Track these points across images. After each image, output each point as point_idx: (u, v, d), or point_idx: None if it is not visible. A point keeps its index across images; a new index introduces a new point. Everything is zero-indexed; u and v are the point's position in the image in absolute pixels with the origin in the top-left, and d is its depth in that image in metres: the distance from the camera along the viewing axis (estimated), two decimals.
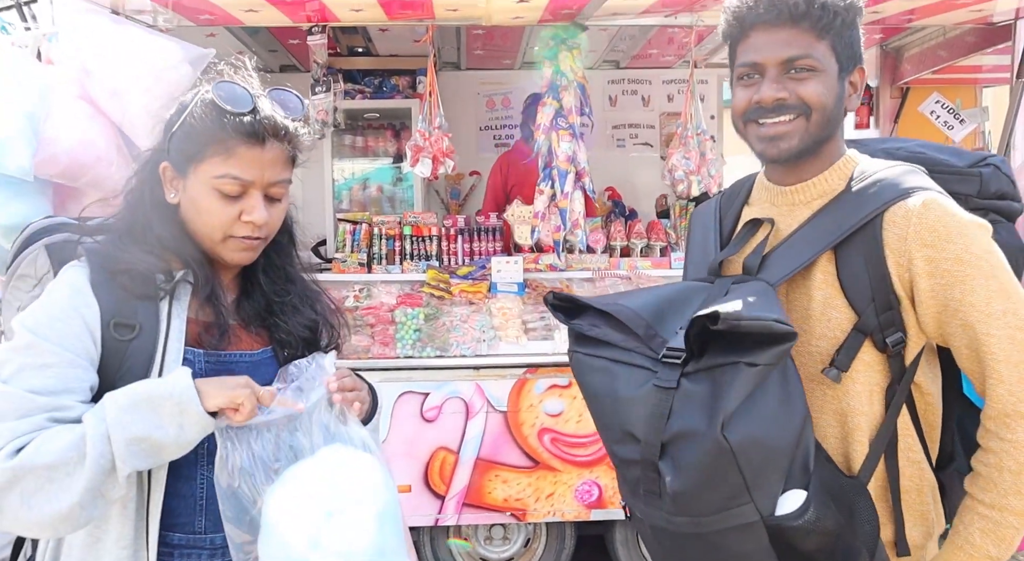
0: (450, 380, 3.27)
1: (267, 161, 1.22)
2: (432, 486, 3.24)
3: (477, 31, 4.41)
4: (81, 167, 1.83)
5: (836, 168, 1.29)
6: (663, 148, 5.29)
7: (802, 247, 1.24)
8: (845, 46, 1.22)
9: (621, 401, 1.19)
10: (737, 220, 1.39)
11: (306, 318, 1.37)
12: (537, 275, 3.60)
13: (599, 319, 1.27)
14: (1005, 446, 1.18)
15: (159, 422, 1.10)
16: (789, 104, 1.21)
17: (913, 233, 1.19)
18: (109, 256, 1.22)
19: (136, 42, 1.87)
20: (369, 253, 3.67)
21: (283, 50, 4.80)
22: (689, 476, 1.11)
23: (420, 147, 3.39)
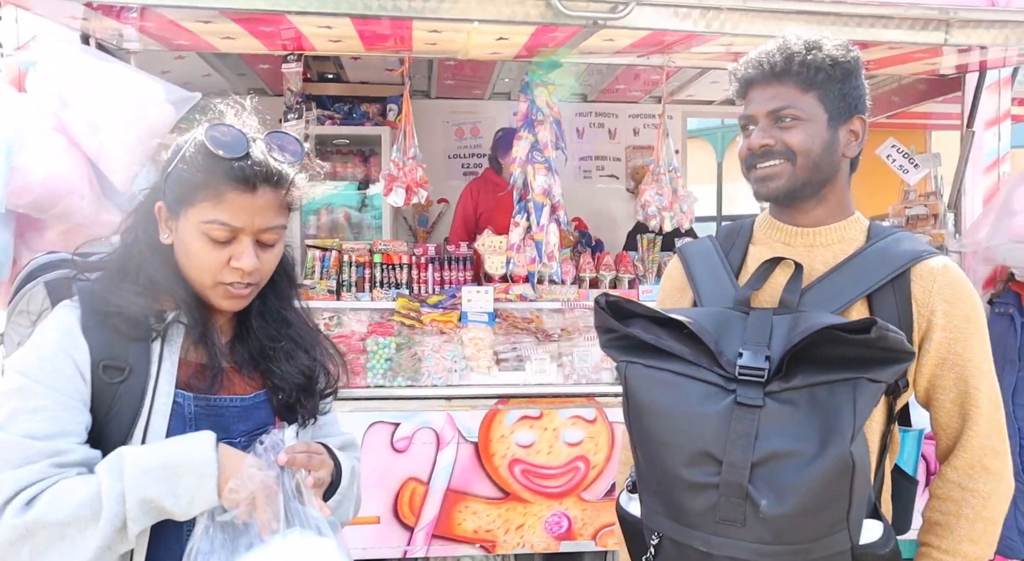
0: (421, 410, 3.26)
1: (258, 207, 1.20)
2: (401, 517, 3.21)
3: (449, 62, 4.46)
4: (52, 199, 1.79)
5: (855, 220, 1.39)
6: (628, 180, 5.40)
7: (843, 286, 1.30)
8: (835, 98, 1.32)
9: (698, 418, 1.14)
10: (743, 257, 1.44)
11: (301, 364, 1.34)
12: (507, 305, 3.63)
13: (658, 330, 1.24)
14: (967, 496, 1.28)
15: (173, 490, 1.10)
16: (775, 150, 1.33)
17: (937, 288, 1.29)
18: (100, 297, 1.20)
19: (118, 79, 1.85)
20: (339, 280, 3.65)
21: (252, 74, 4.77)
22: (794, 500, 1.08)
23: (394, 177, 3.40)
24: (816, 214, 1.37)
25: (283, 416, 1.33)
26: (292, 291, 1.40)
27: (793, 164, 1.32)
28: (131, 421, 1.17)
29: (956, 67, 3.68)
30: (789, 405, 1.12)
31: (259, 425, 1.29)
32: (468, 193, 4.58)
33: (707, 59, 3.62)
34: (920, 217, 4.27)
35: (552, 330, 3.58)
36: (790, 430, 1.10)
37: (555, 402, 3.30)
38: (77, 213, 1.88)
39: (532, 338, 3.54)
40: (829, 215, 1.37)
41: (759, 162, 1.35)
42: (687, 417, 1.16)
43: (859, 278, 1.30)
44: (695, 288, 1.43)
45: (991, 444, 1.29)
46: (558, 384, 3.40)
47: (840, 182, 1.37)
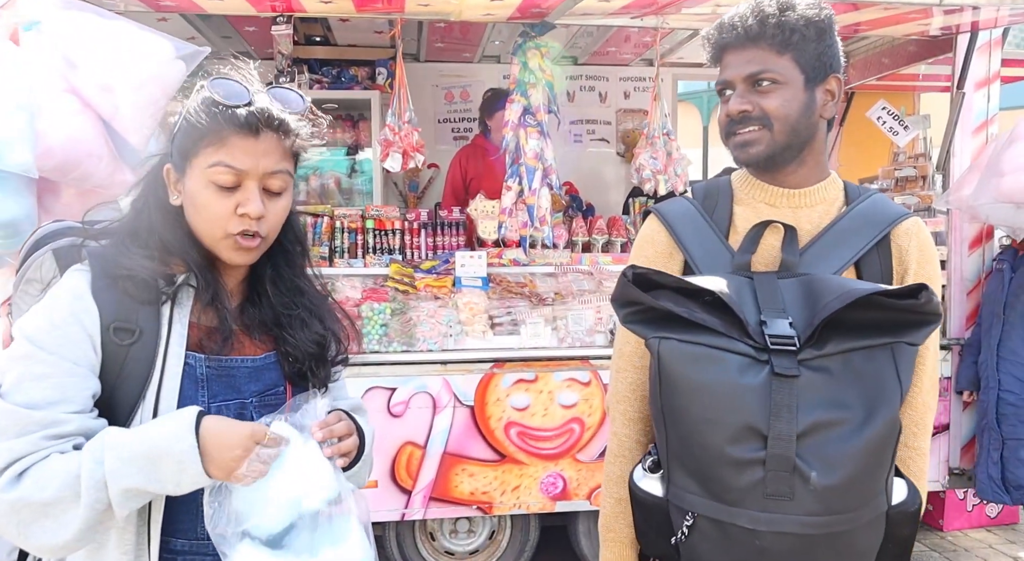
0: (417, 375, 3.28)
1: (261, 151, 1.19)
2: (399, 481, 3.25)
3: (439, 24, 4.40)
4: (72, 162, 1.77)
5: (832, 181, 1.41)
6: (619, 144, 5.38)
7: (835, 249, 1.31)
8: (810, 58, 1.31)
9: (740, 391, 1.10)
10: (730, 218, 1.40)
11: (314, 333, 1.33)
12: (500, 269, 3.63)
13: (686, 301, 1.18)
14: (911, 453, 1.33)
15: (157, 477, 1.10)
16: (753, 116, 1.32)
17: (912, 248, 1.34)
18: (111, 260, 1.20)
19: (127, 37, 1.81)
20: (331, 246, 3.64)
21: (238, 37, 4.68)
22: (842, 469, 1.07)
23: (390, 141, 3.37)
24: (798, 176, 1.37)
25: (294, 382, 1.33)
26: (304, 259, 1.39)
27: (771, 130, 1.31)
28: (143, 383, 1.18)
29: (948, 28, 3.68)
30: (824, 373, 1.10)
31: (269, 386, 1.30)
32: (456, 161, 4.56)
33: (699, 20, 3.59)
34: (909, 178, 4.30)
35: (546, 294, 3.60)
36: (830, 399, 1.08)
37: (550, 365, 3.33)
38: (95, 175, 1.85)
39: (526, 302, 3.56)
40: (810, 176, 1.38)
41: (738, 128, 1.34)
42: (728, 391, 1.11)
43: (848, 241, 1.32)
44: (687, 252, 1.37)
45: (930, 401, 1.34)
46: (553, 347, 3.42)
47: (819, 143, 1.38)
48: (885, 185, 4.40)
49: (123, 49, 1.78)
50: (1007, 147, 3.30)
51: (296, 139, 1.25)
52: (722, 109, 1.38)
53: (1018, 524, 4.41)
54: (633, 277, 1.20)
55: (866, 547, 1.15)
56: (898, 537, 1.18)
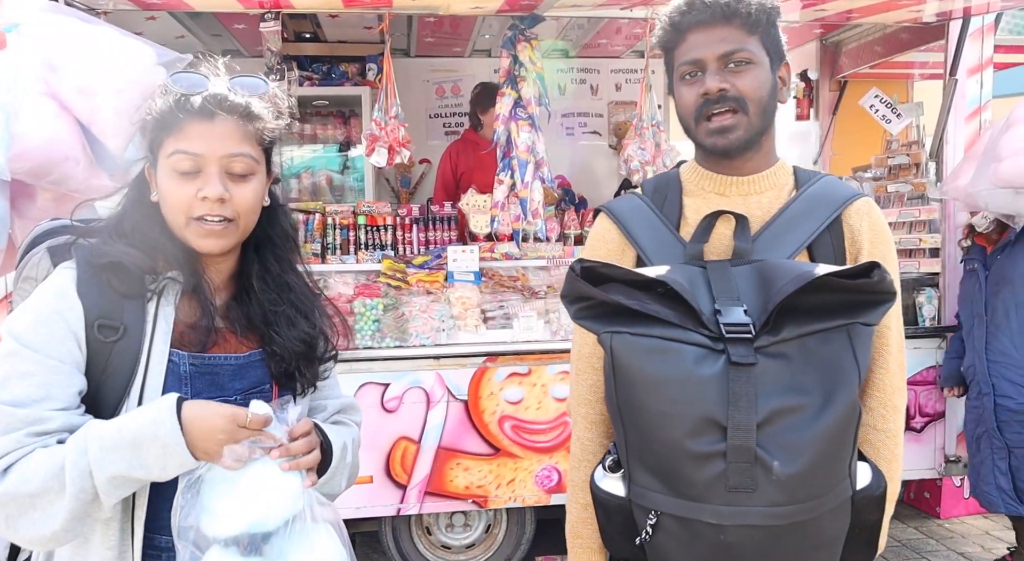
0: (410, 370, 3.28)
1: (217, 135, 1.20)
2: (394, 476, 3.25)
3: (428, 18, 4.38)
4: (49, 165, 1.76)
5: (781, 166, 1.39)
6: (611, 137, 5.37)
7: (787, 234, 1.30)
8: (773, 41, 1.31)
9: (698, 383, 1.07)
10: (680, 211, 1.38)
11: (301, 331, 1.32)
12: (493, 264, 3.63)
13: (637, 294, 1.15)
14: (881, 437, 1.30)
15: (142, 463, 1.10)
16: (729, 95, 1.27)
17: (864, 228, 1.32)
18: (95, 251, 1.21)
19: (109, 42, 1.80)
20: (323, 243, 3.63)
21: (227, 34, 4.67)
22: (804, 457, 1.04)
23: (376, 136, 3.36)
24: (753, 163, 1.35)
25: (281, 382, 1.32)
26: (294, 254, 1.38)
27: (747, 113, 1.28)
28: (127, 380, 1.18)
29: (940, 14, 3.66)
30: (781, 359, 1.07)
31: (255, 384, 1.30)
32: (447, 156, 4.55)
33: None
34: (902, 166, 4.28)
35: (538, 287, 3.59)
36: (788, 385, 1.06)
37: (543, 358, 3.33)
38: (72, 179, 1.85)
39: (519, 296, 3.55)
40: (763, 162, 1.36)
41: (714, 109, 1.28)
42: (686, 384, 1.07)
43: (800, 224, 1.30)
44: (639, 246, 1.34)
45: (898, 383, 1.32)
46: (546, 340, 3.42)
47: (774, 128, 1.37)
48: (878, 173, 4.39)
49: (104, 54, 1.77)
50: (1004, 132, 3.28)
51: (260, 124, 1.25)
52: (687, 92, 1.31)
53: None
54: (581, 271, 1.16)
55: (833, 534, 1.13)
56: (865, 522, 1.16)
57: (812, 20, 3.76)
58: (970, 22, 3.71)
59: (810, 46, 5.03)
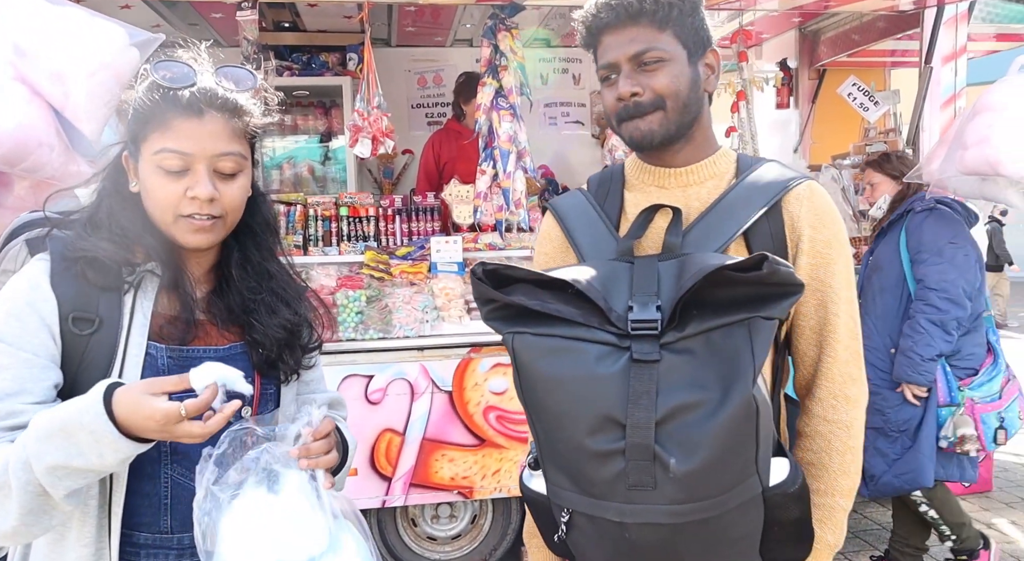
0: (394, 362, 3.27)
1: (207, 133, 1.17)
2: (379, 468, 3.25)
3: (409, 8, 4.35)
4: (22, 152, 1.73)
5: (723, 154, 1.37)
6: (594, 126, 5.37)
7: (721, 224, 1.27)
8: (689, 33, 1.29)
9: (597, 382, 1.06)
10: (621, 206, 1.38)
11: (283, 318, 1.30)
12: (476, 254, 3.62)
13: (542, 293, 1.15)
14: (833, 428, 1.28)
15: (78, 451, 1.05)
16: (644, 101, 1.27)
17: (803, 214, 1.29)
18: (69, 243, 1.19)
19: (78, 24, 1.77)
20: (305, 235, 3.61)
21: (205, 24, 4.61)
22: (701, 453, 1.02)
23: (359, 127, 3.34)
24: (685, 154, 1.35)
25: (263, 372, 1.30)
26: (275, 243, 1.36)
27: (664, 109, 1.27)
28: (103, 373, 1.16)
29: (915, 2, 3.69)
30: (687, 355, 1.05)
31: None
32: (430, 146, 4.53)
33: None
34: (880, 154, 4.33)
35: None
36: (691, 381, 1.03)
37: None
38: (47, 166, 1.81)
39: None
40: (697, 152, 1.35)
41: (634, 113, 1.28)
42: (584, 382, 1.07)
43: (735, 214, 1.27)
44: (575, 244, 1.34)
45: (849, 371, 1.29)
46: None
47: (705, 118, 1.35)
48: (856, 161, 4.43)
49: (74, 36, 1.73)
50: (970, 120, 3.32)
51: (248, 119, 1.23)
52: (607, 94, 1.32)
53: (991, 491, 4.50)
54: (483, 274, 1.15)
55: (742, 532, 1.10)
56: (784, 519, 1.11)
57: (790, 9, 3.79)
58: (944, 10, 3.75)
59: (789, 35, 5.06)
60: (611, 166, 1.48)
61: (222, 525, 1.09)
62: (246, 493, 1.11)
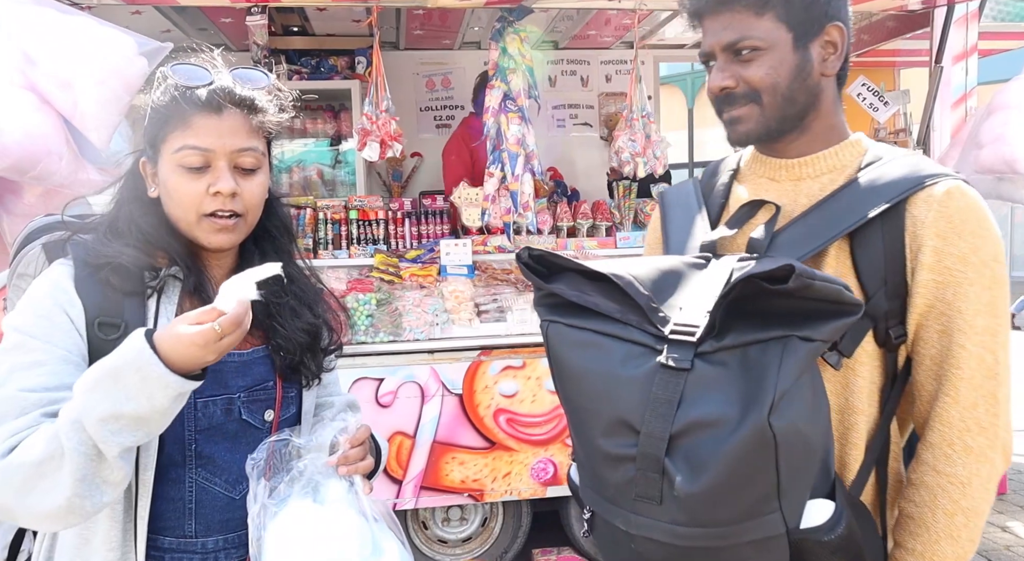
0: (404, 365, 3.28)
1: (226, 129, 1.18)
2: (389, 471, 3.25)
3: (417, 11, 4.36)
4: (30, 161, 1.74)
5: (848, 145, 1.21)
6: (603, 128, 5.37)
7: (819, 227, 1.13)
8: (797, 12, 1.14)
9: (617, 382, 1.01)
10: (727, 197, 1.28)
11: (305, 322, 1.32)
12: (486, 257, 3.63)
13: (586, 285, 1.09)
14: (942, 481, 1.09)
15: (126, 395, 1.03)
16: (737, 93, 1.18)
17: (932, 219, 1.09)
18: (91, 250, 1.20)
19: (87, 33, 1.78)
20: (315, 238, 3.62)
21: (214, 29, 4.63)
22: (709, 476, 0.93)
23: (368, 131, 3.35)
24: (800, 144, 1.21)
25: (285, 376, 1.31)
26: (292, 246, 1.37)
27: (759, 104, 1.16)
28: None
29: (925, 2, 3.67)
30: (720, 367, 0.96)
31: (258, 381, 1.28)
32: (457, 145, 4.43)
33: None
34: None
35: None
36: (717, 396, 0.95)
37: (537, 351, 3.33)
38: (56, 174, 1.83)
39: (512, 288, 3.55)
40: (815, 143, 1.20)
41: (724, 106, 1.20)
42: (605, 381, 1.02)
43: (840, 215, 1.12)
44: (666, 238, 1.29)
45: (976, 417, 1.07)
46: (539, 333, 3.39)
47: (825, 105, 1.19)
48: None
49: (83, 45, 1.75)
50: (985, 119, 3.31)
51: (264, 116, 1.24)
52: (709, 81, 1.22)
53: (1007, 494, 4.46)
54: (530, 258, 1.11)
55: None
56: None
57: None
58: (954, 9, 3.72)
59: None
60: (735, 154, 1.35)
61: (268, 536, 1.11)
62: (291, 504, 1.13)
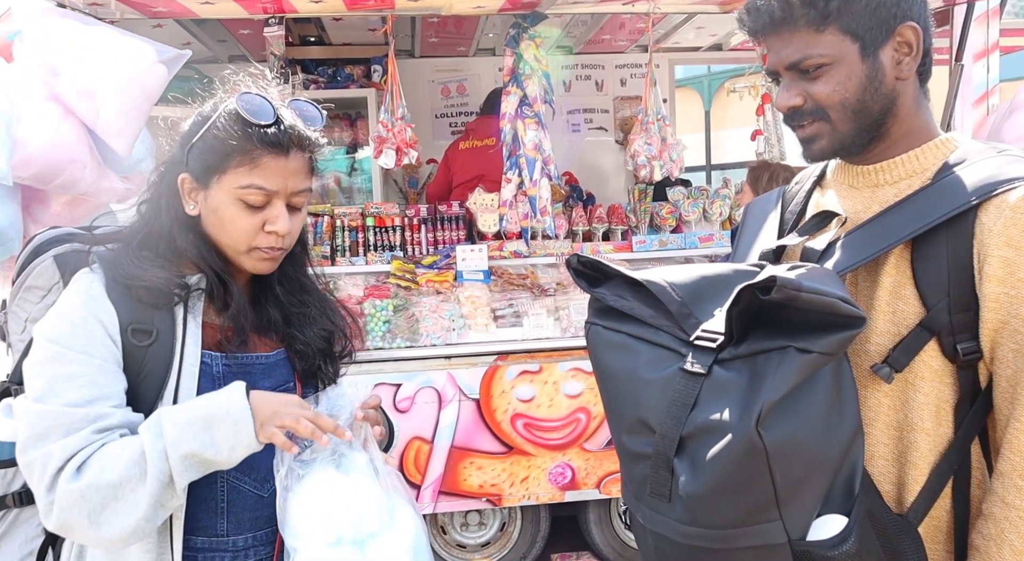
0: (422, 370, 3.29)
1: (291, 171, 1.22)
2: (407, 476, 3.26)
3: (432, 19, 4.39)
4: (54, 169, 1.78)
5: (932, 147, 1.14)
6: (618, 132, 5.36)
7: (878, 234, 1.09)
8: (862, 20, 1.09)
9: (640, 384, 1.05)
10: (806, 203, 1.26)
11: (322, 328, 1.36)
12: (502, 262, 3.64)
13: (626, 290, 1.12)
14: (1011, 515, 1.01)
15: (213, 441, 1.12)
16: (804, 110, 1.15)
17: (1000, 228, 1.02)
18: (124, 271, 1.21)
19: (108, 43, 1.82)
20: (332, 245, 3.65)
21: (232, 40, 4.69)
22: (708, 478, 0.96)
23: (383, 138, 3.38)
24: (880, 150, 1.16)
25: (304, 380, 1.36)
26: (306, 256, 1.42)
27: (829, 121, 1.13)
28: (161, 382, 1.20)
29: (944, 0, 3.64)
30: (733, 374, 0.98)
31: (281, 382, 1.33)
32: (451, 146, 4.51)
33: (692, 4, 3.58)
34: None
35: (548, 284, 3.60)
36: (724, 402, 0.97)
37: (554, 355, 3.33)
38: (80, 182, 1.88)
39: (528, 293, 3.56)
40: (894, 147, 1.15)
41: (794, 123, 1.18)
42: (627, 381, 1.07)
43: (904, 222, 1.07)
44: (735, 245, 1.30)
45: None
46: (556, 338, 3.42)
47: (904, 109, 1.13)
48: None
49: (104, 55, 1.79)
50: (1007, 117, 3.26)
51: (320, 154, 1.29)
52: (777, 98, 1.21)
53: None
54: (579, 264, 1.17)
55: None
56: None
57: None
58: (975, 7, 3.68)
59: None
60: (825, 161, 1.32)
61: (293, 500, 1.16)
62: (316, 471, 1.18)
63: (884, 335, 1.10)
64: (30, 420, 1.12)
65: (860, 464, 1.02)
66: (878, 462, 1.12)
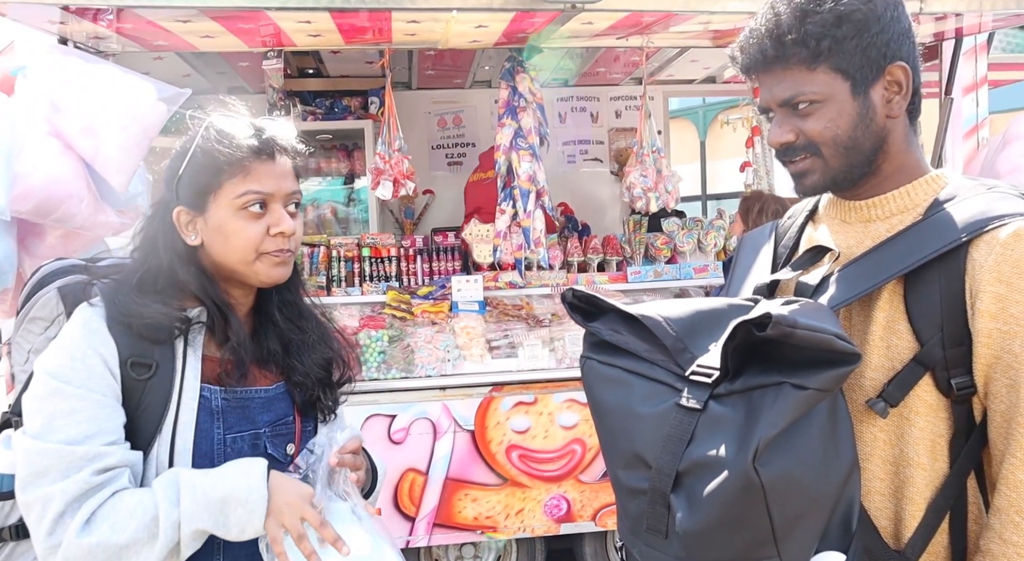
0: (417, 401, 3.27)
1: (280, 173, 1.26)
2: (402, 508, 3.24)
3: (428, 52, 4.44)
4: (52, 204, 1.80)
5: (923, 183, 1.16)
6: (613, 163, 5.41)
7: (871, 269, 1.10)
8: (854, 58, 1.10)
9: (635, 419, 1.05)
10: (799, 237, 1.27)
11: (321, 356, 1.37)
12: (497, 292, 3.65)
13: (621, 325, 1.12)
14: (1008, 551, 1.01)
15: (225, 522, 1.15)
16: (797, 146, 1.16)
17: (992, 264, 1.03)
18: (123, 307, 1.22)
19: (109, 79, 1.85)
20: (328, 276, 3.66)
21: (232, 72, 4.73)
22: (704, 514, 0.95)
23: (381, 170, 3.40)
24: (870, 186, 1.17)
25: (304, 411, 1.36)
26: (301, 283, 1.43)
27: (821, 157, 1.14)
28: (160, 416, 1.20)
29: (933, 35, 3.70)
30: (729, 409, 0.98)
31: (280, 416, 1.33)
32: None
33: (686, 38, 3.63)
34: None
35: (543, 315, 3.60)
36: (720, 438, 0.97)
37: (549, 386, 3.32)
38: (77, 216, 1.90)
39: (523, 324, 3.56)
40: (886, 183, 1.17)
41: (786, 158, 1.19)
42: (622, 417, 1.07)
43: (896, 257, 1.08)
44: (729, 280, 1.30)
45: None
46: (551, 369, 3.42)
47: (895, 146, 1.15)
48: None
49: (105, 92, 1.82)
50: (1001, 150, 3.30)
51: (300, 159, 1.33)
52: (769, 134, 1.23)
53: None
54: (574, 298, 1.17)
55: None
56: None
57: None
58: (963, 42, 3.74)
59: None
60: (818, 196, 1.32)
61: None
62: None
63: (879, 370, 1.11)
64: (29, 458, 1.12)
65: (857, 500, 1.02)
66: (874, 497, 1.12)
